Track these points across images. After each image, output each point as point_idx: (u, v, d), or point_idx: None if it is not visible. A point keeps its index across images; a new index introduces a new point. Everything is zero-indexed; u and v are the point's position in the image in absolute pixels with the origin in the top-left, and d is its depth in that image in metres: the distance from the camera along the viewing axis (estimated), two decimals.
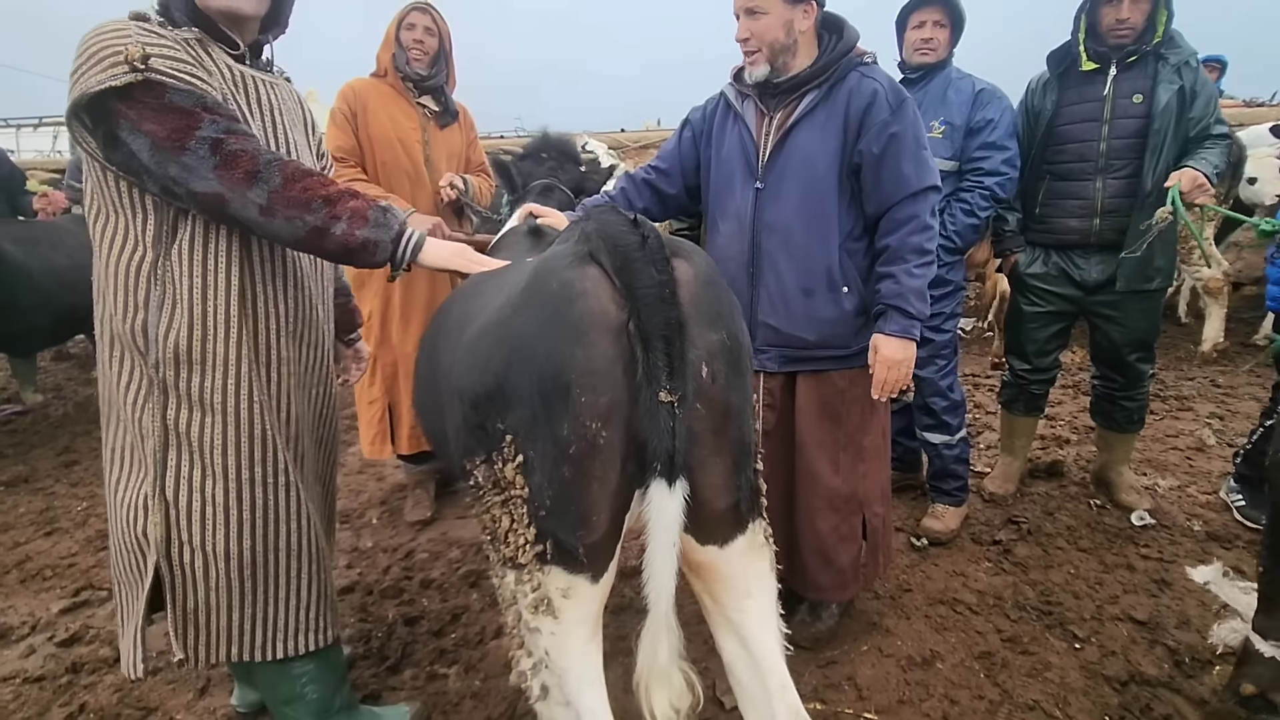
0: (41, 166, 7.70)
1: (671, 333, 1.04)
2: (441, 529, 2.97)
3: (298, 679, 1.64)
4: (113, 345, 1.43)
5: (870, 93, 1.78)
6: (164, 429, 1.40)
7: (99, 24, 1.30)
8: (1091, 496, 3.05)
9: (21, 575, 2.71)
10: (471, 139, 3.00)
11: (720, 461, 1.16)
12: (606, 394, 1.05)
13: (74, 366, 5.67)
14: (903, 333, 1.79)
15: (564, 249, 1.16)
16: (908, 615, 2.31)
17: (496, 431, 1.11)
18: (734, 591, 1.26)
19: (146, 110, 1.22)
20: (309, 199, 1.29)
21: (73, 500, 3.33)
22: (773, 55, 1.81)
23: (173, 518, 1.43)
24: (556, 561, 1.10)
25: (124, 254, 1.36)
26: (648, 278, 1.06)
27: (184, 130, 1.23)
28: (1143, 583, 2.45)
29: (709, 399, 1.11)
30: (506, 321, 1.11)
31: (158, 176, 1.27)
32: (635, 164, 7.88)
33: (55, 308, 3.81)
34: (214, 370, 1.40)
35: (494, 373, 1.10)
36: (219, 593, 1.48)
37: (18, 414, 4.51)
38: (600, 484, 1.08)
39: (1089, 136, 2.55)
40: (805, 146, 1.83)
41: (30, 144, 13.82)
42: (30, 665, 2.20)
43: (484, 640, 2.23)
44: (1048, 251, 2.75)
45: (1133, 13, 2.41)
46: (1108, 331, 2.73)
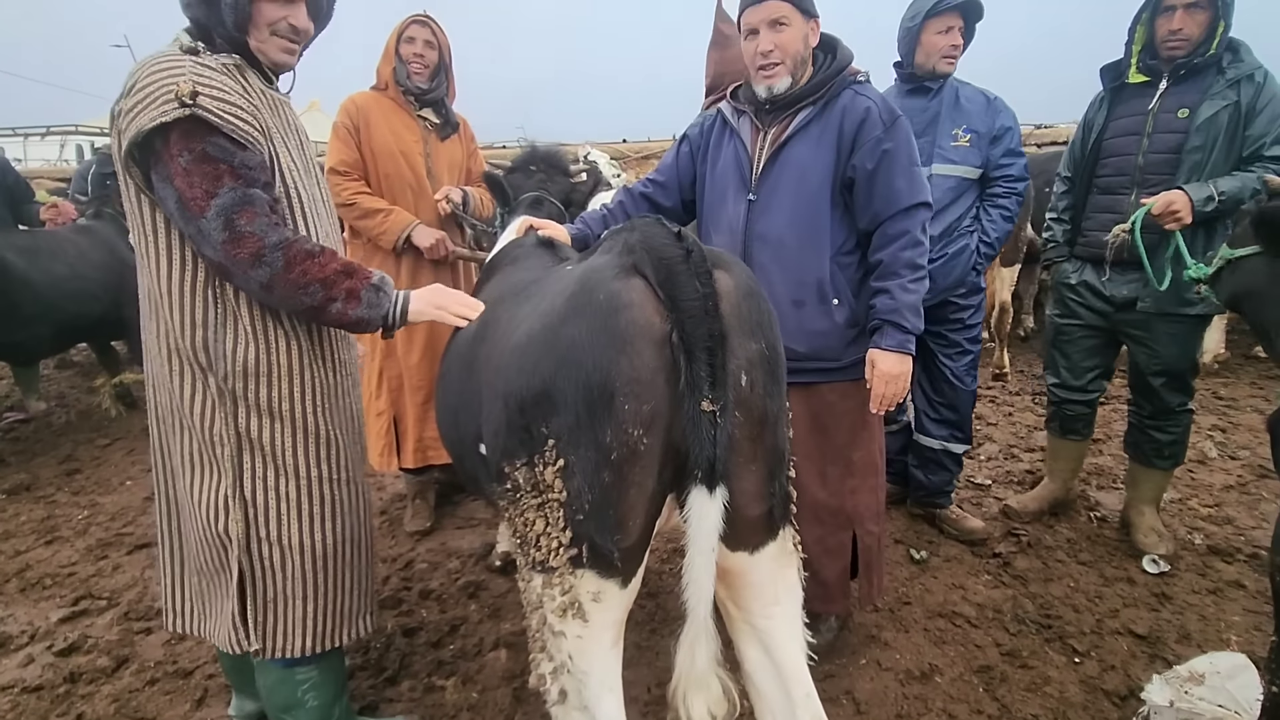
0: (48, 175, 7.78)
1: (714, 344, 1.08)
2: (441, 539, 2.97)
3: (300, 684, 1.66)
4: (171, 360, 1.48)
5: (864, 110, 1.81)
6: (237, 435, 1.49)
7: (153, 57, 1.36)
8: (1091, 509, 3.04)
9: (21, 584, 2.71)
10: (472, 150, 3.02)
11: (756, 469, 1.18)
12: (649, 402, 1.08)
13: (77, 375, 5.69)
14: (899, 347, 1.80)
15: (609, 260, 1.18)
16: (906, 628, 2.30)
17: (540, 435, 1.13)
18: (762, 599, 1.26)
19: (180, 164, 1.30)
20: (307, 283, 1.37)
21: (74, 509, 3.34)
22: (794, 67, 1.84)
23: (251, 515, 1.52)
24: (590, 565, 1.12)
25: (178, 273, 1.43)
26: (691, 290, 1.09)
27: (207, 193, 1.30)
28: (1143, 596, 2.44)
29: (748, 407, 1.14)
30: (555, 329, 1.14)
31: (180, 225, 1.37)
32: (637, 174, 7.91)
33: (57, 317, 3.84)
34: (280, 380, 1.51)
35: (541, 378, 1.13)
36: (295, 583, 1.57)
37: (20, 422, 4.53)
38: (638, 489, 1.11)
39: (1128, 150, 2.51)
40: (799, 160, 1.87)
41: (37, 153, 13.95)
42: (29, 674, 2.20)
43: (482, 652, 2.23)
44: (1086, 265, 2.70)
45: (1186, 24, 2.34)
46: (1136, 354, 2.63)
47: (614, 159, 7.67)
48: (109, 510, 3.31)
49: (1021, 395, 4.67)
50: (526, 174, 2.51)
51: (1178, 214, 2.24)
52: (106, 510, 3.31)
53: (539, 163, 2.53)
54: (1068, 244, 2.78)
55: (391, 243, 2.70)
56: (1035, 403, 4.48)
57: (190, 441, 1.53)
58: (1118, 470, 3.42)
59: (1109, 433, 3.82)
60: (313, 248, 1.41)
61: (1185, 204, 2.25)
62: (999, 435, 3.99)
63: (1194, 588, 2.49)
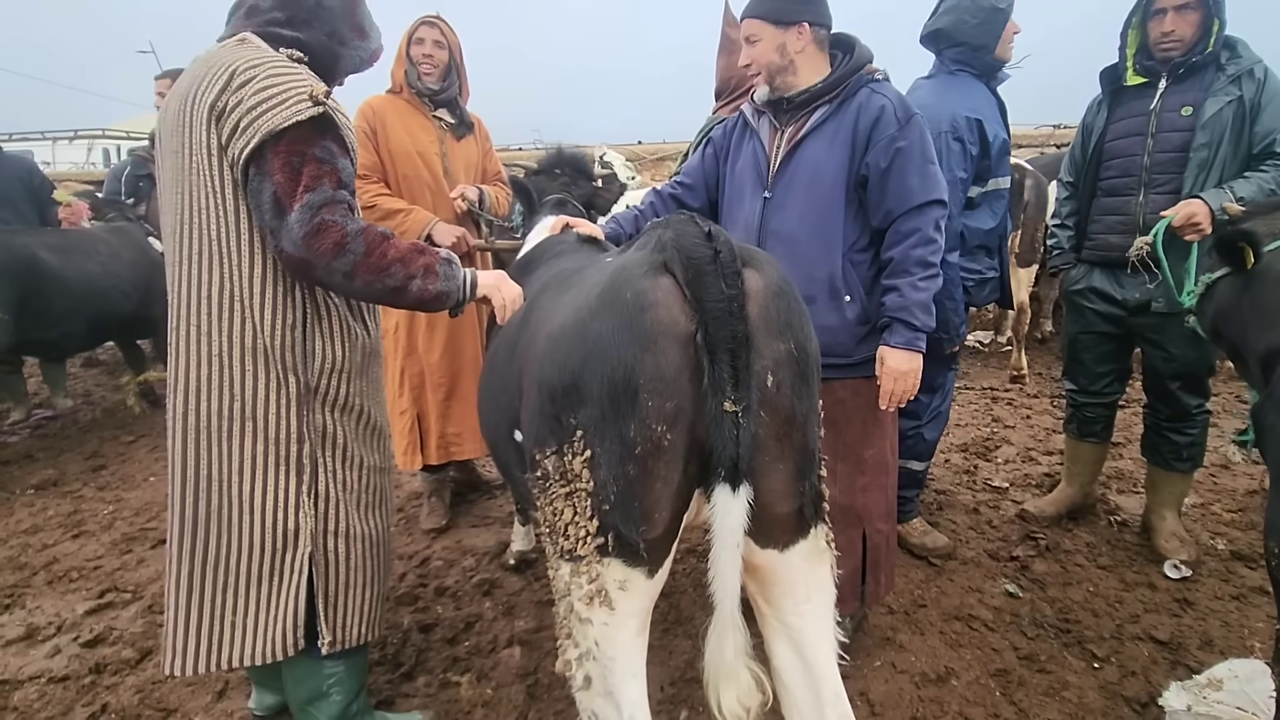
0: (76, 178, 7.95)
1: (737, 345, 1.09)
2: (456, 537, 2.99)
3: (327, 678, 1.69)
4: (245, 359, 1.47)
5: (878, 108, 1.83)
6: (311, 431, 1.55)
7: (260, 57, 1.40)
8: (1111, 513, 3.00)
9: (49, 576, 2.77)
10: (487, 149, 3.05)
11: (783, 467, 1.19)
12: (673, 400, 1.11)
13: (103, 373, 5.82)
14: (908, 345, 1.81)
15: (640, 257, 1.21)
16: (922, 631, 2.29)
17: (569, 425, 1.16)
18: (792, 596, 1.27)
19: (289, 162, 1.35)
20: (388, 264, 1.42)
21: (99, 504, 3.41)
22: (770, 76, 1.92)
23: (321, 510, 1.57)
24: (617, 554, 1.14)
25: (273, 272, 1.46)
26: (717, 291, 1.10)
27: (306, 188, 1.35)
28: (1164, 602, 2.41)
29: (773, 407, 1.15)
30: (584, 323, 1.17)
31: (265, 220, 1.39)
32: (652, 175, 7.94)
33: (88, 314, 3.93)
34: (354, 377, 1.61)
35: (571, 370, 1.16)
36: (356, 572, 1.65)
37: (48, 419, 4.63)
38: (663, 483, 1.13)
39: (1133, 151, 2.50)
40: (813, 158, 1.89)
41: (65, 156, 14.27)
42: (55, 665, 2.25)
43: (496, 649, 2.25)
44: (1095, 269, 2.68)
45: (1178, 25, 2.34)
46: (1151, 357, 2.60)
47: (629, 160, 7.70)
48: (133, 505, 3.37)
49: (1040, 398, 4.61)
50: (551, 176, 2.54)
51: (1199, 225, 2.23)
52: (131, 505, 3.38)
53: (564, 166, 2.56)
54: (1074, 249, 2.76)
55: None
56: (1054, 405, 4.43)
57: (254, 443, 1.50)
58: (1138, 474, 3.37)
59: (1129, 436, 3.77)
60: (385, 231, 1.46)
61: (1205, 214, 2.23)
62: (1016, 438, 3.95)
63: (1217, 593, 2.45)
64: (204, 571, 1.53)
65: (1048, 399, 4.56)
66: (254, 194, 1.38)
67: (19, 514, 3.30)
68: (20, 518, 3.26)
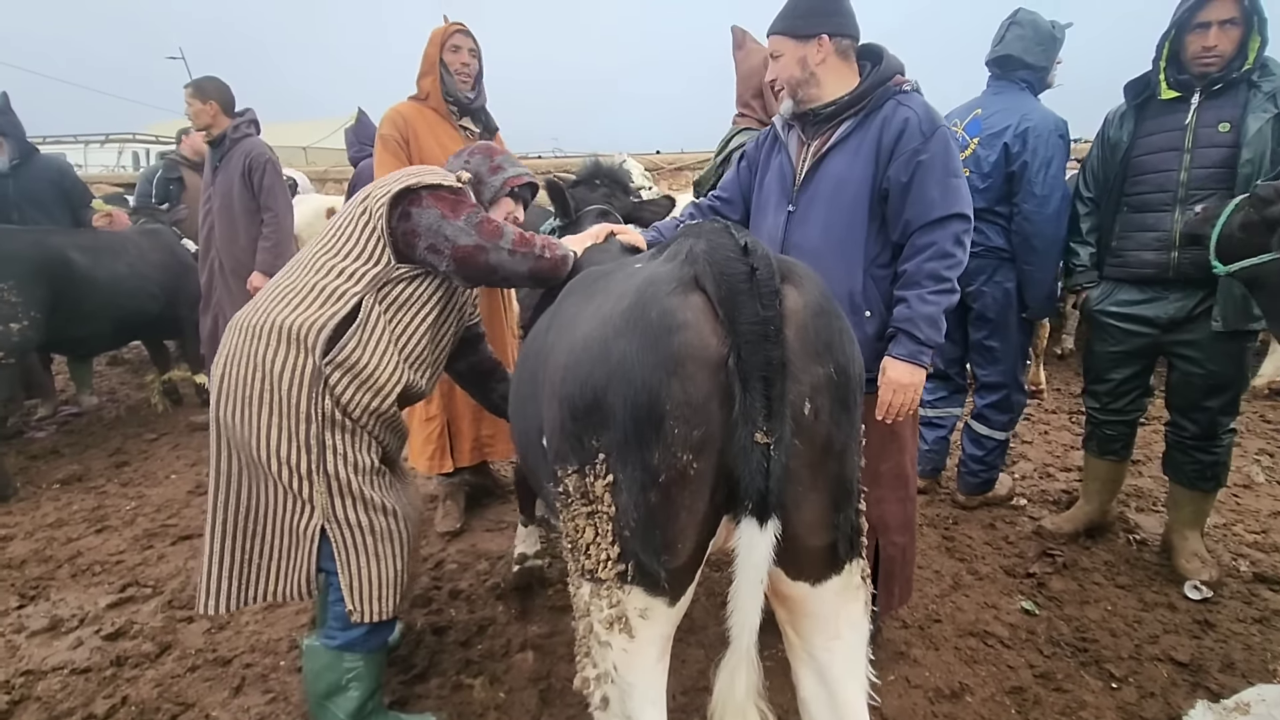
0: (107, 180, 8.13)
1: (772, 373, 1.02)
2: (471, 540, 3.01)
3: (346, 672, 1.76)
4: (273, 339, 1.65)
5: (903, 121, 1.82)
6: (321, 414, 1.65)
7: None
8: (1130, 531, 2.96)
9: (73, 570, 2.83)
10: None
11: (817, 499, 1.12)
12: (700, 428, 1.04)
13: (127, 371, 5.93)
14: (910, 357, 1.79)
15: (669, 270, 1.14)
16: (936, 646, 2.27)
17: (591, 447, 1.11)
18: (823, 632, 1.22)
19: (442, 201, 1.77)
20: (530, 240, 1.82)
21: (122, 500, 3.48)
22: (792, 90, 1.93)
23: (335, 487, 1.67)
24: (638, 582, 1.10)
25: (340, 281, 1.70)
26: (752, 313, 1.03)
27: (461, 208, 1.78)
28: (1184, 623, 2.37)
29: (809, 436, 1.08)
30: (608, 341, 1.10)
31: (430, 236, 1.73)
32: (669, 186, 7.97)
33: (116, 314, 4.01)
34: (368, 391, 1.70)
35: (593, 389, 1.10)
36: (383, 541, 1.73)
37: (74, 415, 4.73)
38: (688, 512, 1.07)
39: (1167, 166, 2.45)
40: (836, 172, 1.88)
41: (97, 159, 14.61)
42: (77, 657, 2.29)
43: (509, 653, 2.26)
44: (1122, 286, 2.62)
45: (1221, 40, 2.31)
46: (1186, 373, 2.53)
47: (648, 170, 7.74)
48: (155, 502, 3.43)
49: (1058, 413, 4.56)
50: (591, 187, 2.51)
51: None
52: (153, 502, 3.44)
53: (604, 177, 2.54)
54: (1095, 267, 2.72)
55: None
56: (1072, 421, 4.38)
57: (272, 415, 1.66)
58: (1158, 492, 3.32)
59: (1149, 454, 3.72)
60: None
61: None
62: (1034, 454, 3.91)
63: (1239, 616, 2.40)
64: (237, 521, 1.71)
65: (1066, 414, 4.51)
66: (416, 216, 1.74)
67: (45, 508, 3.37)
68: (46, 511, 3.34)
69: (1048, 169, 2.72)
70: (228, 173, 3.77)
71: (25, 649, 2.34)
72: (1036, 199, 2.73)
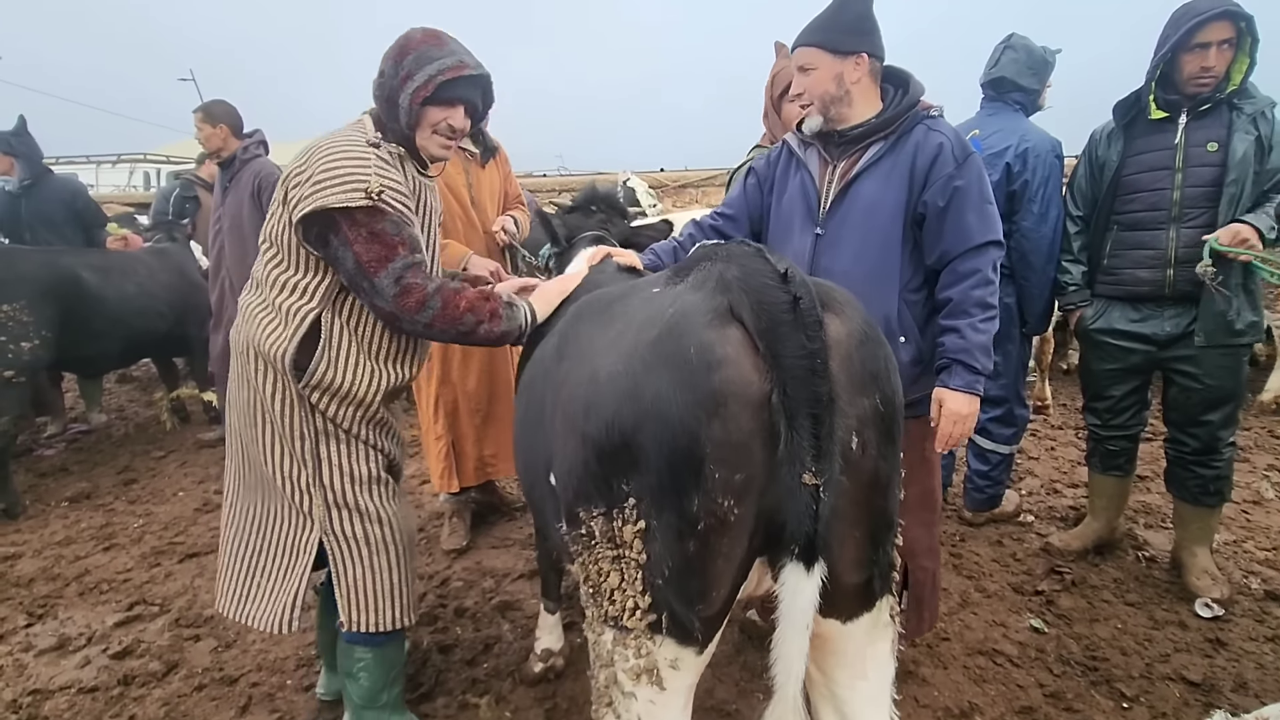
0: (118, 200, 8.24)
1: (820, 410, 0.95)
2: (476, 558, 3.01)
3: (356, 661, 1.81)
4: (257, 362, 1.67)
5: (936, 146, 1.80)
6: (314, 430, 1.68)
7: (341, 143, 1.60)
8: (1139, 548, 2.94)
9: (80, 588, 2.84)
10: (506, 172, 3.07)
11: (860, 535, 1.07)
12: (742, 471, 0.98)
13: (136, 389, 5.96)
14: (967, 388, 1.78)
15: (701, 300, 1.05)
16: (945, 665, 2.25)
17: (620, 491, 1.04)
18: (848, 670, 1.17)
19: (361, 234, 1.55)
20: (461, 314, 1.63)
21: (130, 517, 3.49)
22: (824, 107, 1.86)
23: (332, 499, 1.70)
24: (670, 634, 1.04)
25: (294, 299, 1.65)
26: (797, 346, 0.96)
27: (381, 260, 1.56)
28: (1196, 641, 2.35)
29: (857, 472, 1.02)
30: (637, 378, 1.02)
31: (349, 281, 1.61)
32: (673, 203, 8.02)
33: (125, 332, 4.05)
34: (350, 405, 1.70)
35: (621, 431, 1.02)
36: (379, 554, 1.74)
37: (83, 433, 4.76)
38: (725, 559, 1.01)
39: (1160, 185, 2.48)
40: (869, 196, 1.84)
41: (108, 179, 14.80)
42: (85, 676, 2.30)
43: (515, 672, 2.25)
44: (1117, 304, 2.64)
45: (1219, 61, 2.35)
46: (1185, 388, 2.54)
47: (652, 187, 7.81)
48: (162, 519, 3.45)
49: (1064, 429, 4.55)
50: (586, 213, 2.50)
51: (1248, 243, 2.26)
52: (160, 519, 3.45)
53: (599, 203, 2.54)
54: (1087, 285, 2.74)
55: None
56: (1078, 436, 4.36)
57: (271, 433, 1.71)
58: (1166, 508, 3.30)
59: (1156, 470, 3.68)
60: (457, 285, 1.66)
61: (1254, 233, 2.26)
62: (1040, 470, 3.90)
63: (1250, 634, 2.38)
64: (247, 532, 1.78)
65: (1072, 430, 4.50)
66: (337, 261, 1.59)
67: (53, 525, 3.39)
68: (55, 529, 3.35)
69: (1045, 188, 2.77)
70: (237, 193, 3.83)
71: (33, 668, 2.34)
72: (1035, 216, 2.77)
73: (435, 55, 1.64)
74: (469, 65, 1.67)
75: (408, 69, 1.63)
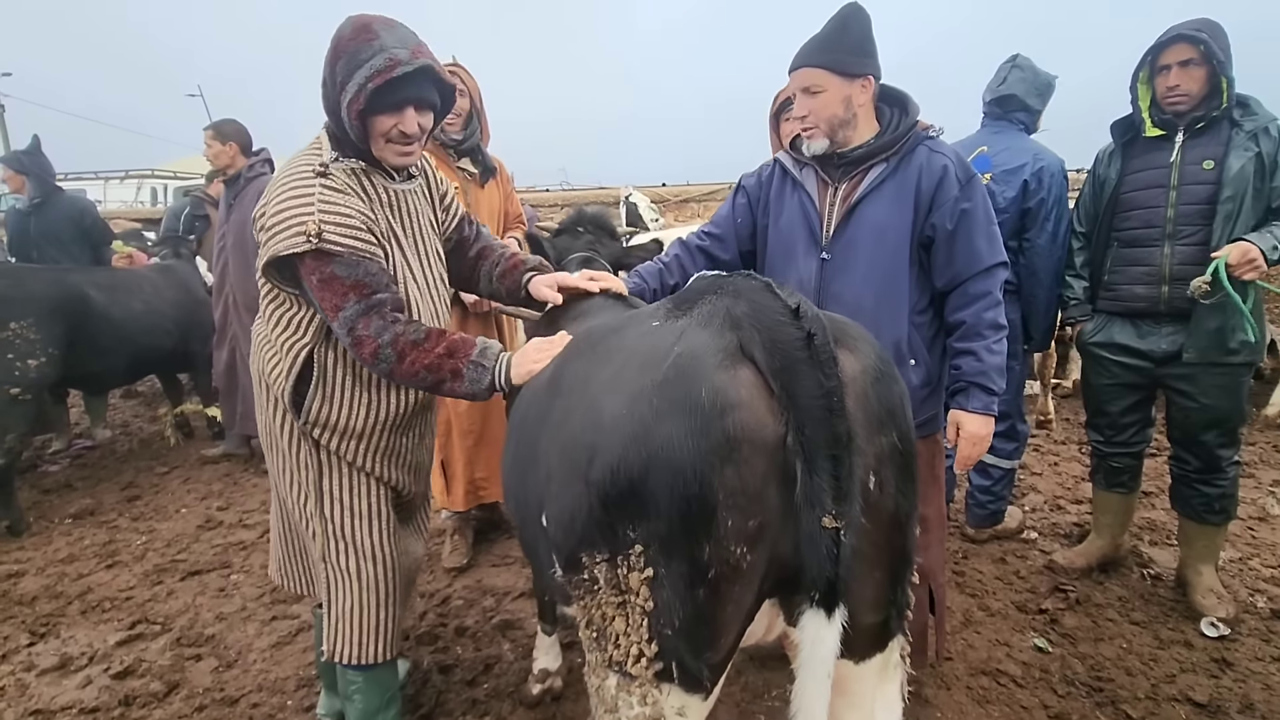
0: (125, 216, 8.32)
1: (839, 450, 0.92)
2: (477, 576, 3.01)
3: (349, 684, 1.83)
4: (266, 393, 1.71)
5: (941, 168, 1.80)
6: (317, 463, 1.70)
7: (290, 178, 1.51)
8: (1144, 566, 2.92)
9: (83, 606, 2.84)
10: (508, 192, 3.06)
11: (879, 576, 1.05)
12: (756, 517, 0.95)
13: (141, 404, 5.99)
14: (984, 409, 1.80)
15: (709, 339, 1.02)
16: (948, 685, 2.24)
17: (626, 537, 1.00)
18: (857, 710, 1.15)
19: (313, 280, 1.49)
20: (417, 370, 1.52)
21: (133, 534, 3.50)
22: (831, 131, 1.84)
23: (328, 513, 1.71)
24: (679, 682, 1.01)
25: (288, 334, 1.63)
26: (813, 385, 0.93)
27: (336, 307, 1.49)
28: (1202, 661, 2.33)
29: (876, 511, 1.00)
30: (645, 422, 0.98)
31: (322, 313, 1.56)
32: (675, 217, 8.06)
33: (131, 349, 4.08)
34: (351, 439, 1.69)
35: (628, 476, 0.98)
36: (369, 591, 1.74)
37: (87, 449, 4.78)
38: (736, 606, 0.99)
39: (1155, 203, 2.51)
40: (875, 219, 1.83)
41: (116, 195, 14.93)
42: (86, 696, 2.29)
43: (516, 692, 2.24)
44: (1117, 320, 2.66)
45: (1183, 80, 2.39)
46: (1182, 407, 2.54)
47: (655, 202, 7.85)
48: (165, 536, 3.45)
49: (1068, 444, 4.53)
50: (574, 235, 2.50)
51: (1255, 262, 2.26)
52: (163, 536, 3.45)
53: (587, 224, 2.53)
54: (1089, 300, 2.76)
55: None
56: (1082, 452, 4.34)
57: (281, 460, 1.74)
58: (1172, 525, 3.28)
59: (1161, 486, 3.67)
60: (418, 336, 1.52)
61: (1259, 253, 2.27)
62: (1044, 486, 3.88)
63: (1257, 654, 2.36)
64: (287, 520, 1.85)
65: (1076, 445, 4.48)
66: (309, 300, 1.57)
67: (56, 543, 3.40)
68: (58, 547, 3.36)
69: (1059, 206, 2.83)
70: (242, 210, 3.87)
71: (35, 688, 2.34)
72: (1049, 235, 2.81)
73: (363, 56, 1.43)
74: (399, 60, 1.43)
75: (340, 76, 1.46)
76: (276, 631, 2.63)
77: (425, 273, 1.74)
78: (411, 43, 1.48)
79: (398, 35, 1.47)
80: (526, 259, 1.95)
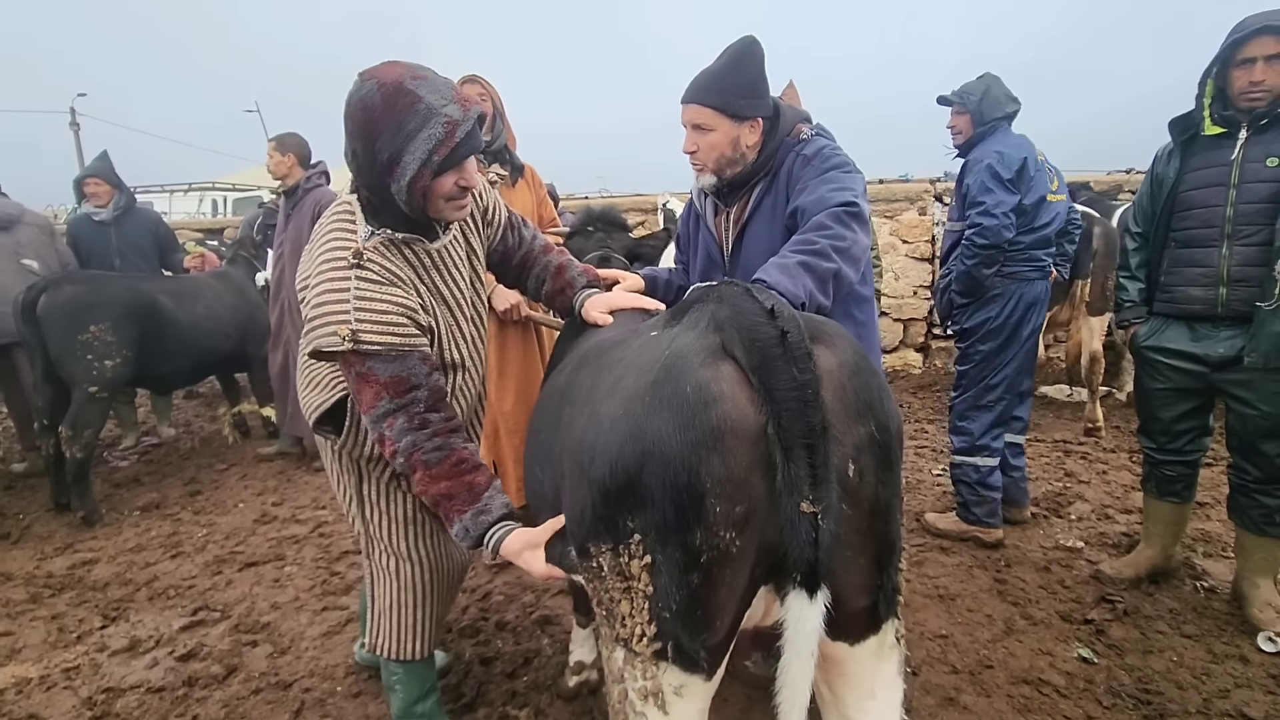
0: (189, 226, 8.76)
1: (814, 439, 0.98)
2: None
3: (390, 674, 1.91)
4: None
5: (795, 165, 1.83)
6: (357, 470, 1.77)
7: (326, 262, 1.43)
8: (1198, 578, 2.82)
9: (150, 593, 3.02)
10: (541, 196, 3.06)
11: (864, 561, 1.09)
12: (743, 503, 1.01)
13: (201, 404, 6.30)
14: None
15: (694, 340, 1.10)
16: (988, 693, 2.21)
17: (626, 528, 1.08)
18: (857, 691, 1.20)
19: (351, 373, 1.45)
20: (420, 492, 1.49)
21: (195, 527, 3.70)
22: (719, 169, 1.87)
23: (368, 515, 1.78)
24: (675, 661, 1.07)
25: (324, 368, 1.71)
26: (788, 379, 0.99)
27: (368, 403, 1.43)
28: (1258, 677, 2.24)
29: (856, 499, 1.05)
30: (638, 419, 1.06)
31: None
32: None
33: (194, 352, 4.32)
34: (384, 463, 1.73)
35: (625, 471, 1.06)
36: (406, 592, 1.80)
37: (154, 446, 5.06)
38: (729, 590, 1.04)
39: (1213, 202, 2.43)
40: (760, 241, 1.88)
41: (180, 206, 15.74)
42: (153, 676, 2.44)
43: (553, 685, 2.30)
44: (1173, 323, 2.58)
45: (1268, 75, 2.29)
46: (1241, 414, 2.44)
47: None
48: (224, 530, 3.64)
49: (1117, 452, 4.39)
50: (586, 236, 2.52)
51: None
52: (222, 529, 3.64)
53: (596, 222, 2.55)
54: (1145, 302, 2.68)
55: None
56: (1132, 460, 4.20)
57: (333, 461, 1.82)
58: (1227, 537, 3.16)
59: (1217, 496, 3.53)
60: (430, 458, 1.44)
61: None
62: (1091, 494, 3.77)
63: None
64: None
65: (1126, 453, 4.33)
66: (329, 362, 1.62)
67: (126, 533, 3.62)
68: (127, 537, 3.58)
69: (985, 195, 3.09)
70: (299, 220, 4.06)
71: (107, 667, 2.51)
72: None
73: (412, 126, 1.32)
74: (455, 120, 1.34)
75: (387, 153, 1.34)
76: (327, 621, 2.75)
77: (471, 323, 1.72)
78: (450, 91, 1.36)
79: (434, 87, 1.34)
80: (575, 279, 1.90)
